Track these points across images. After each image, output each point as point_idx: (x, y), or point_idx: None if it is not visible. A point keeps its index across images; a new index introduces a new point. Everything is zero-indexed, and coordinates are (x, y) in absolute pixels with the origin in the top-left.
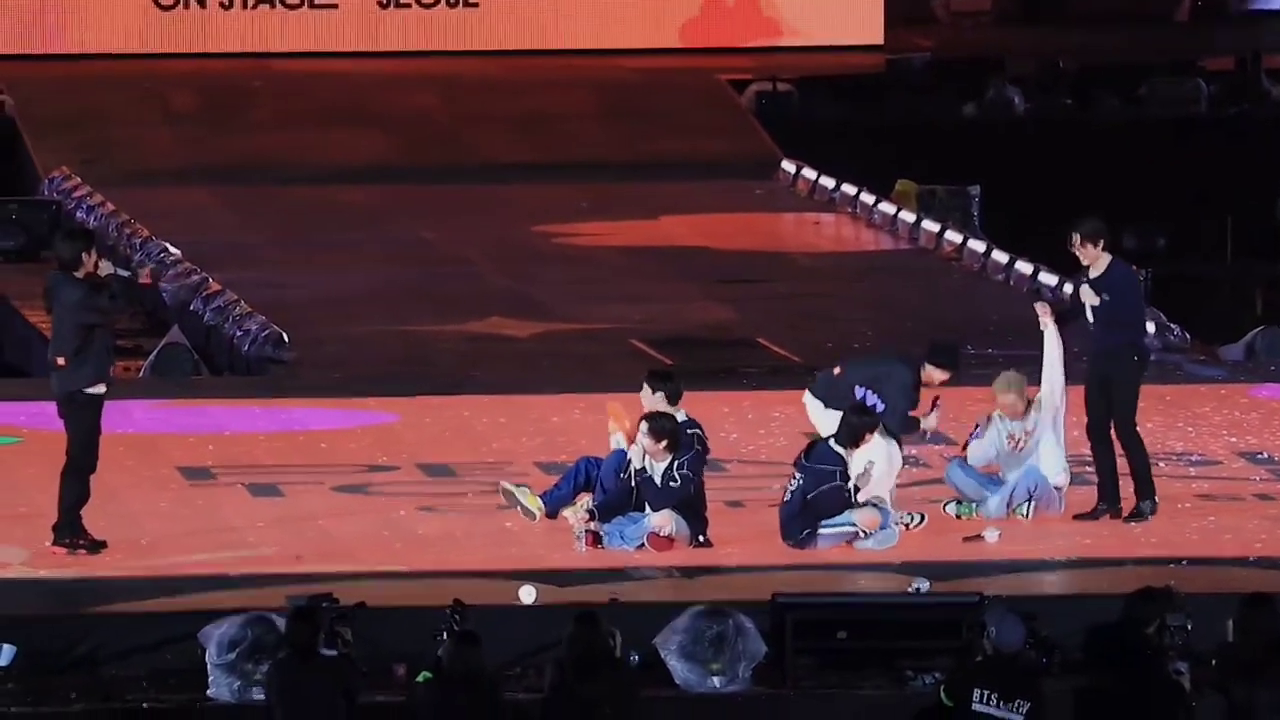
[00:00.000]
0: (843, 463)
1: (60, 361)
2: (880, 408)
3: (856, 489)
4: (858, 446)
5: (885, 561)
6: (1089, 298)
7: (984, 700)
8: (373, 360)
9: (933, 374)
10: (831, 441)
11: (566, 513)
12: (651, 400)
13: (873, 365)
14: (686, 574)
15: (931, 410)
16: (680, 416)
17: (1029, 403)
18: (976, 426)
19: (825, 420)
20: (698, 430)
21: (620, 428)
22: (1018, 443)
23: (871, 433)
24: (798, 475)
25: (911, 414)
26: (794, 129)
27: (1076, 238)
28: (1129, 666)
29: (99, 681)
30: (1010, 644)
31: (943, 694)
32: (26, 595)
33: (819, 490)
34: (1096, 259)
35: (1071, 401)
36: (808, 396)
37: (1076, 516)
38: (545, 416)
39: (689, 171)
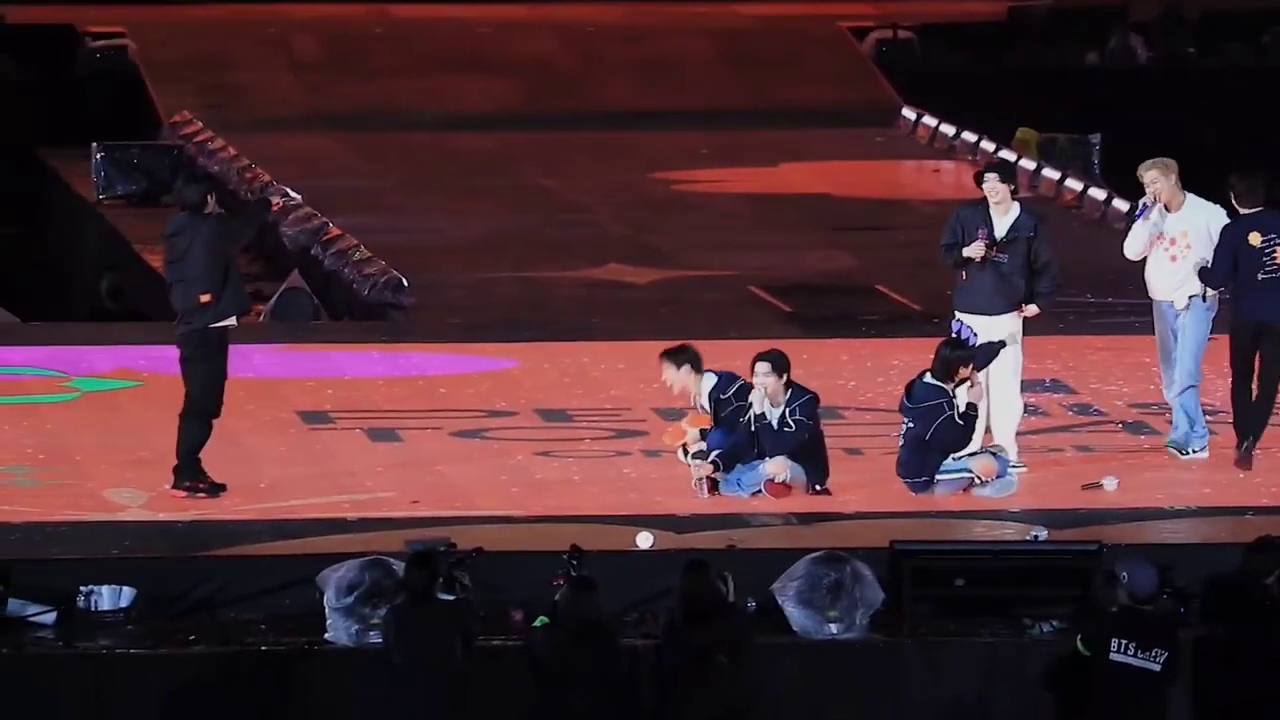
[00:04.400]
0: (945, 394)
1: (206, 299)
2: (974, 340)
3: (974, 406)
4: (953, 380)
5: (1003, 509)
6: (1255, 240)
7: (1122, 650)
8: (491, 306)
9: (987, 189)
10: (927, 376)
11: (691, 461)
12: (678, 377)
13: None
14: (804, 520)
15: (964, 384)
16: (710, 380)
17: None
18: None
19: None
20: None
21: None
22: (1168, 246)
23: (966, 365)
24: (906, 420)
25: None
26: (914, 77)
27: (1236, 186)
28: (1247, 617)
29: (217, 624)
30: (1145, 591)
31: (1080, 644)
32: (146, 538)
33: (933, 428)
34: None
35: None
36: None
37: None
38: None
39: (809, 119)
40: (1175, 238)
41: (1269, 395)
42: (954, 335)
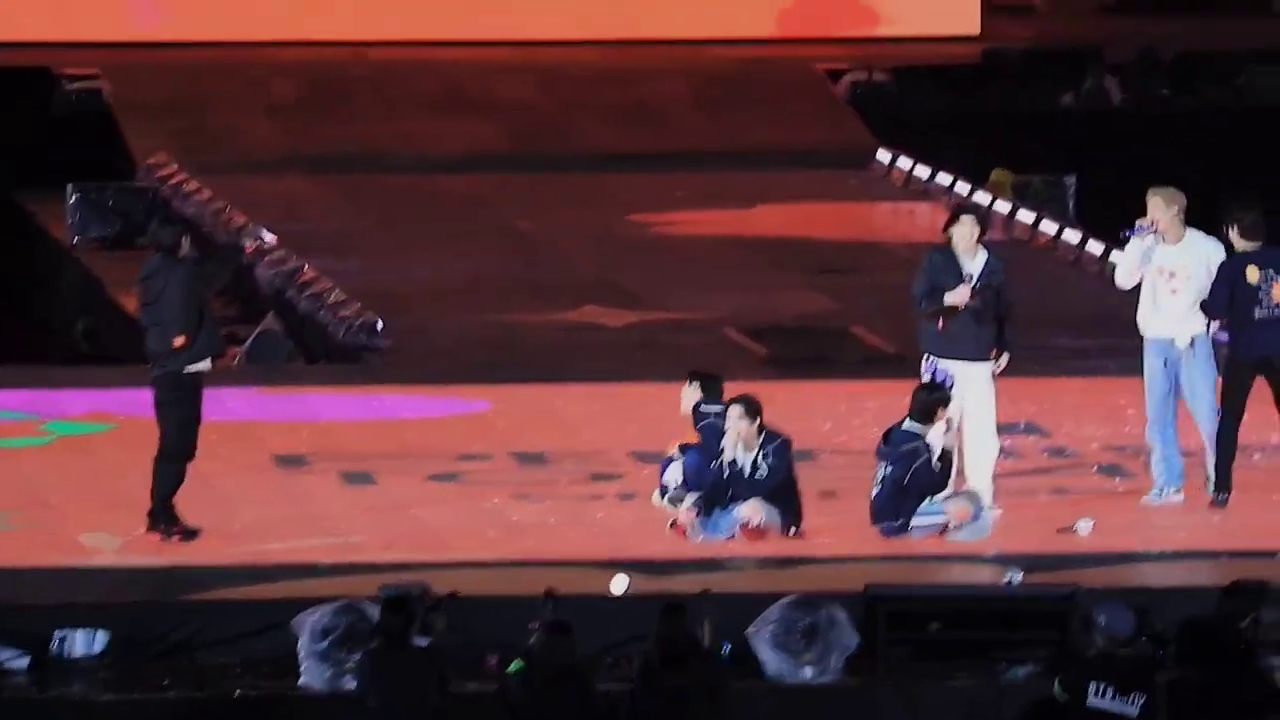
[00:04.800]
0: (920, 438)
1: (180, 342)
2: (950, 381)
3: (947, 455)
4: (932, 423)
5: (978, 553)
6: (1252, 276)
7: (1100, 694)
8: (466, 349)
9: (957, 235)
10: (906, 422)
11: (677, 508)
12: (685, 391)
13: None
14: (779, 564)
15: (945, 429)
16: (697, 391)
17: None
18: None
19: None
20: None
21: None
22: (1168, 279)
23: (944, 407)
24: (883, 464)
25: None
26: (889, 118)
27: (1241, 221)
28: (1221, 661)
29: (192, 669)
30: (1123, 634)
31: (1057, 688)
32: (120, 582)
33: (912, 471)
34: (1238, 244)
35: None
36: None
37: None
38: (638, 406)
39: (784, 161)
40: (1174, 271)
41: None
42: (928, 378)
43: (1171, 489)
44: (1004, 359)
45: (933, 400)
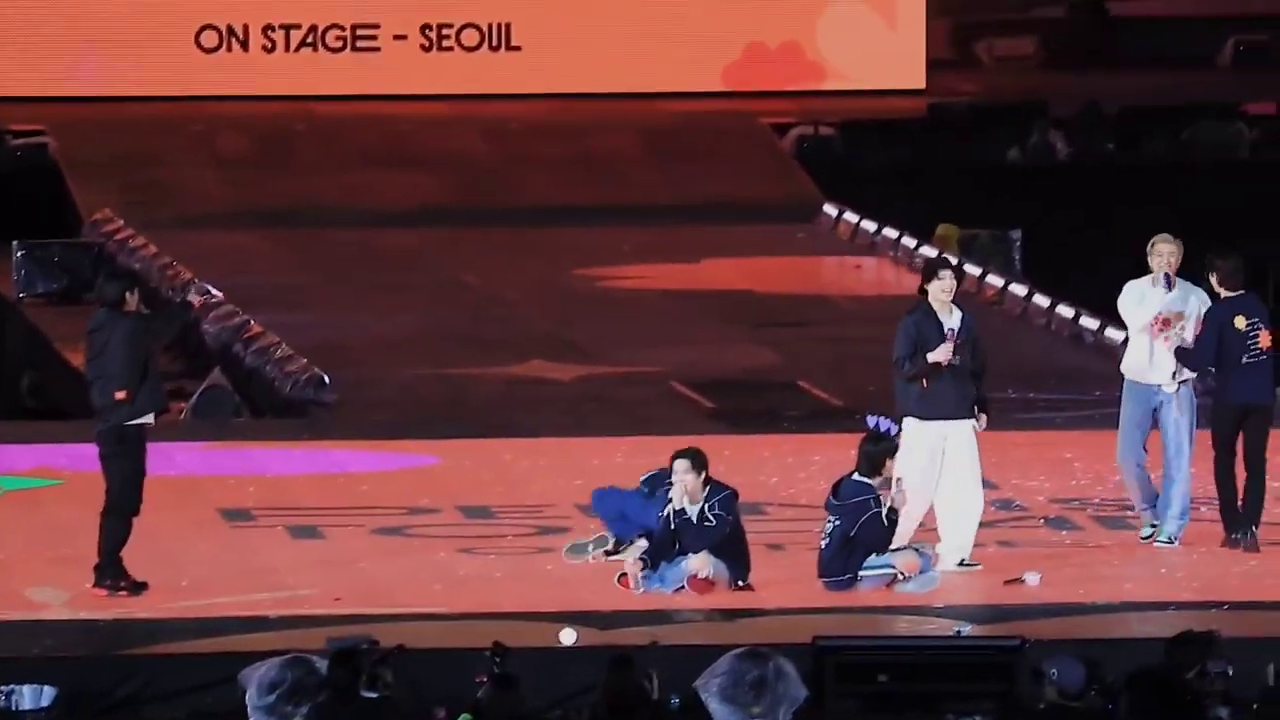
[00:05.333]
0: (872, 491)
1: (121, 396)
2: (894, 431)
3: (895, 511)
4: (880, 475)
5: (926, 604)
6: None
7: None
8: (414, 403)
9: (936, 290)
10: (855, 475)
11: (624, 557)
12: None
13: None
14: (727, 616)
15: (894, 489)
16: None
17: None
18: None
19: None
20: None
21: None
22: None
23: (891, 457)
24: (832, 517)
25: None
26: (836, 173)
27: (1222, 269)
28: (1169, 712)
29: None
30: (1073, 687)
31: None
32: (67, 636)
33: (859, 524)
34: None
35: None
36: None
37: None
38: (586, 460)
39: (731, 215)
40: (1170, 318)
41: (1259, 475)
42: (873, 430)
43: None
44: (984, 418)
45: (879, 451)
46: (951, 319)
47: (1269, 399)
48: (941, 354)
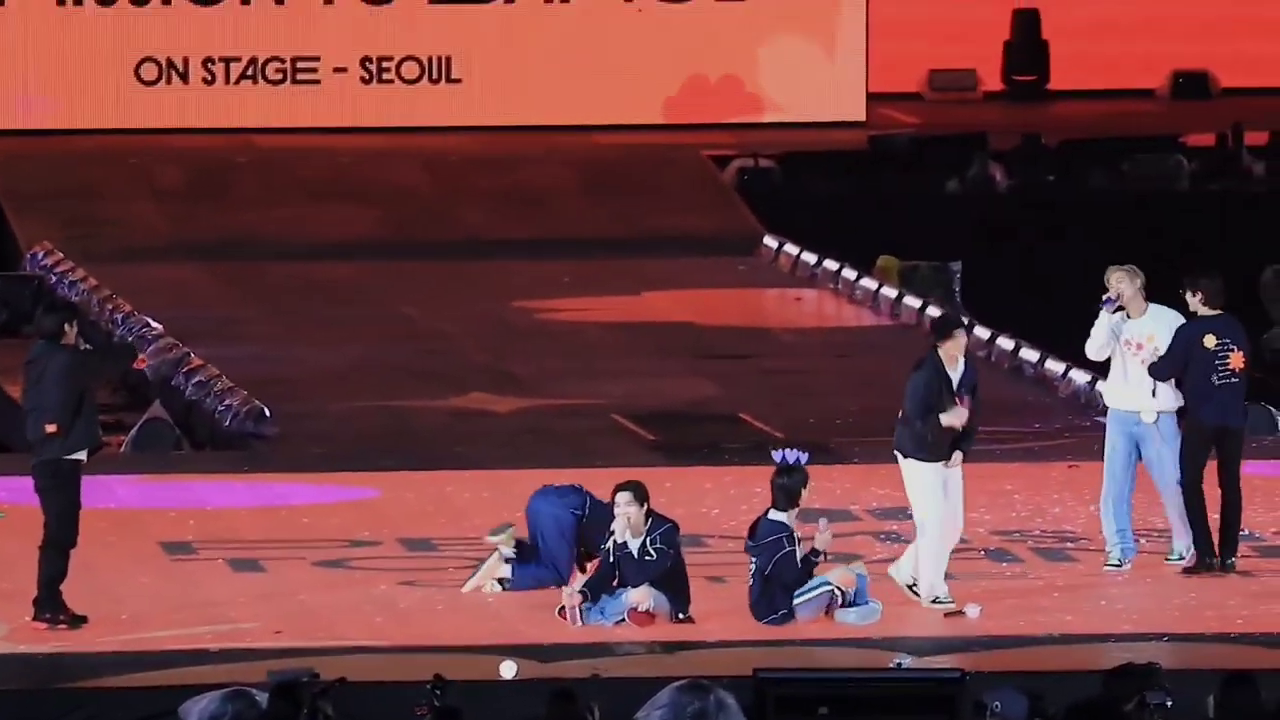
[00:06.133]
0: (786, 528)
1: (52, 429)
2: (803, 459)
3: (818, 553)
4: (796, 506)
5: (866, 636)
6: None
7: None
8: (354, 435)
9: (950, 349)
10: (771, 513)
11: (566, 592)
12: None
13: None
14: (667, 649)
15: (820, 532)
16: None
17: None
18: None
19: (906, 472)
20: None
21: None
22: (1135, 352)
23: (805, 487)
24: (752, 558)
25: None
26: (776, 205)
27: (1206, 288)
28: None
29: None
30: (1015, 719)
31: None
32: (6, 670)
33: (773, 563)
34: (1200, 310)
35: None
36: (899, 460)
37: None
38: (527, 492)
39: (672, 247)
40: (1141, 342)
41: (1236, 500)
42: (781, 463)
43: (1129, 559)
44: (957, 456)
45: (792, 484)
46: (956, 369)
47: (1241, 421)
48: (956, 419)
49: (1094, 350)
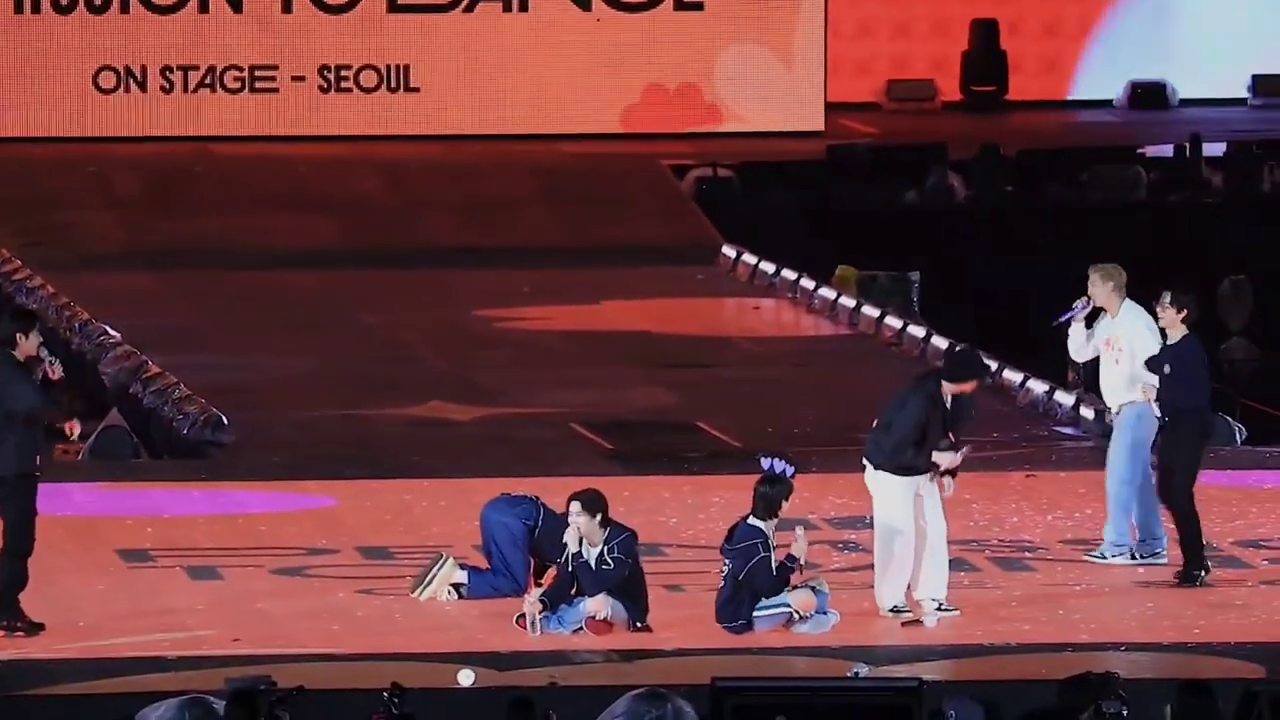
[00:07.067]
0: (763, 535)
1: None
2: (790, 471)
3: (795, 559)
4: (775, 517)
5: (824, 645)
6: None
7: None
8: (312, 444)
9: (962, 387)
10: (750, 519)
11: (525, 600)
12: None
13: (897, 402)
14: (625, 657)
15: (795, 536)
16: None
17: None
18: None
19: (878, 483)
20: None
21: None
22: (1112, 351)
23: (786, 499)
24: (726, 561)
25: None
26: (735, 214)
27: (1167, 297)
28: None
29: None
30: None
31: None
32: None
33: (747, 569)
34: (1175, 326)
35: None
36: (868, 470)
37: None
38: (485, 500)
39: (630, 256)
40: (1111, 340)
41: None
42: (768, 472)
43: (1122, 551)
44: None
45: (774, 494)
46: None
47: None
48: (947, 461)
49: (1074, 351)
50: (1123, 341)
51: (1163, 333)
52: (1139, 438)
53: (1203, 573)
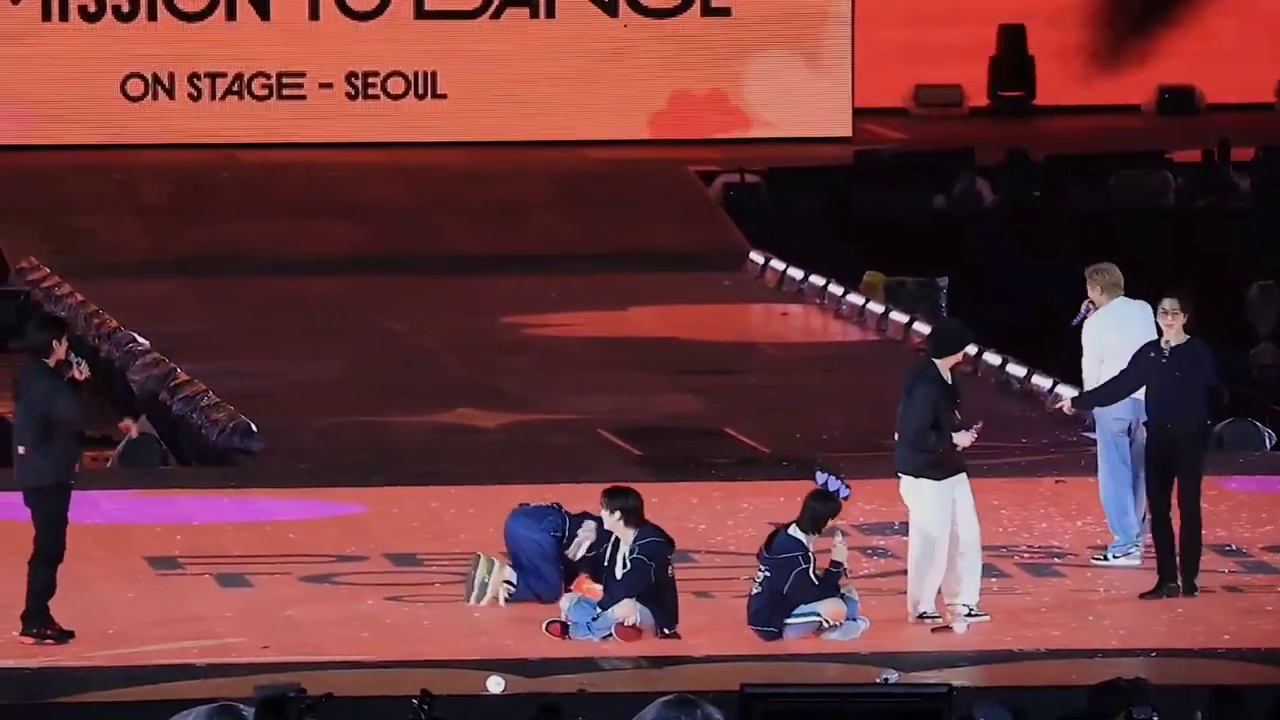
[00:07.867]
0: (803, 548)
1: (20, 451)
2: (845, 493)
3: (839, 564)
4: (819, 533)
5: (853, 651)
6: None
7: None
8: (340, 451)
9: (952, 363)
10: (792, 529)
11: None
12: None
13: (904, 401)
14: (654, 664)
15: (838, 541)
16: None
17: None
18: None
19: (913, 491)
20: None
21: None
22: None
23: (834, 518)
24: (763, 569)
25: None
26: (762, 220)
27: (1174, 303)
28: None
29: None
30: None
31: None
32: None
33: (789, 581)
34: (1177, 330)
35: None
36: (902, 480)
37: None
38: (512, 507)
39: (657, 263)
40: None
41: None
42: (822, 488)
43: (1121, 551)
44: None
45: (824, 511)
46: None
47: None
48: (967, 440)
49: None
50: (1109, 339)
51: (1160, 333)
52: (1107, 441)
53: (1176, 585)
